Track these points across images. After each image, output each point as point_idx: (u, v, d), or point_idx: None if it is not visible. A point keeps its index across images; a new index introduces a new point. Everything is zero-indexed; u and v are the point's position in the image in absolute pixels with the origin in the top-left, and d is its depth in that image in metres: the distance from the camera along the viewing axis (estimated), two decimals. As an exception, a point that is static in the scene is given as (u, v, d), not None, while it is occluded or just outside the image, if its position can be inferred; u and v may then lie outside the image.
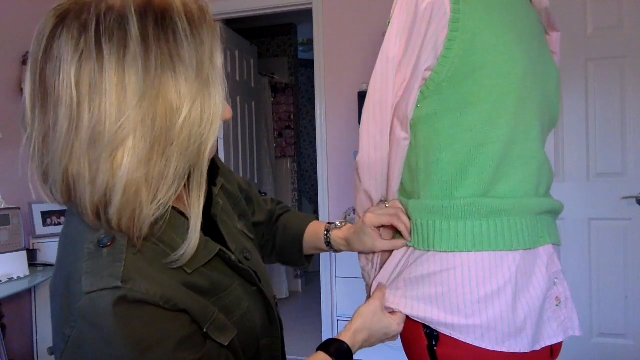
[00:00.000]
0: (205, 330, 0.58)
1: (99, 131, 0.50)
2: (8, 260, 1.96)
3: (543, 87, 0.84)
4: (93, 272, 0.52)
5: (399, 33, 0.80)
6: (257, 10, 3.05)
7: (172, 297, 0.54)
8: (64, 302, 0.54)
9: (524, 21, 0.83)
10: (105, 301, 0.50)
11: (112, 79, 0.50)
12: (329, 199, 2.97)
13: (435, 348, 0.79)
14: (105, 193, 0.52)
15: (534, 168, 0.82)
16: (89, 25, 0.51)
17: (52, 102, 0.52)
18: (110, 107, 0.50)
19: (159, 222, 0.57)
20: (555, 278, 0.83)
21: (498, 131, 0.77)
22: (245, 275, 0.70)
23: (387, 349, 2.38)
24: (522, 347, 0.76)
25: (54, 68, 0.51)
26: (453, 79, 0.76)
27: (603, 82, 2.39)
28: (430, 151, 0.81)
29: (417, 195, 0.84)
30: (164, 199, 0.54)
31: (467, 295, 0.76)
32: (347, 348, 0.75)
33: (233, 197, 0.84)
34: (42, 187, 0.56)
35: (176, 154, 0.54)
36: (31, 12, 2.58)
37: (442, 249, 0.78)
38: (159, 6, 0.53)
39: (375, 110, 0.83)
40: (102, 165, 0.51)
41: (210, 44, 0.57)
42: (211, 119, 0.56)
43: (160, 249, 0.57)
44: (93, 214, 0.54)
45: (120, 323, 0.51)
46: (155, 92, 0.52)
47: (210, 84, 0.56)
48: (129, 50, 0.51)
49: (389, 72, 0.81)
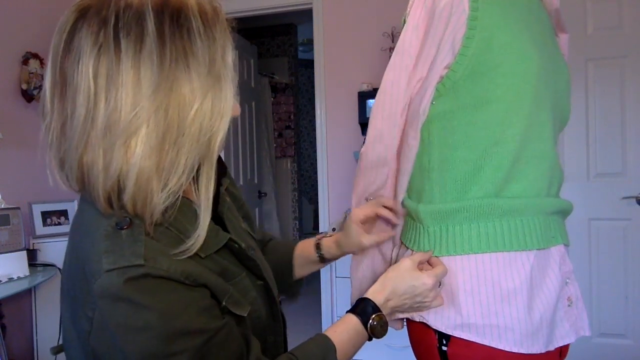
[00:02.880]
0: (224, 304, 0.61)
1: (114, 120, 0.53)
2: (8, 260, 1.96)
3: (555, 87, 0.84)
4: (114, 251, 0.54)
5: (416, 28, 0.80)
6: (257, 10, 3.05)
7: (192, 273, 0.57)
8: (82, 285, 0.57)
9: (537, 22, 0.83)
10: (129, 276, 0.53)
11: (129, 71, 0.53)
12: (329, 199, 2.97)
13: (445, 348, 0.79)
14: (119, 180, 0.55)
15: (547, 168, 0.82)
16: (108, 21, 0.54)
17: (71, 92, 0.54)
18: (125, 97, 0.53)
19: (169, 210, 0.59)
20: (567, 278, 0.83)
21: (513, 130, 0.77)
22: (252, 267, 0.71)
23: (387, 348, 2.38)
24: (538, 348, 0.75)
25: (73, 59, 0.54)
26: (470, 77, 0.76)
27: (603, 82, 2.39)
28: (445, 149, 0.81)
29: (428, 195, 0.83)
30: (174, 187, 0.56)
31: (482, 296, 0.76)
32: (374, 305, 0.76)
33: (237, 200, 0.86)
34: (59, 173, 0.59)
35: (187, 145, 0.56)
36: (31, 13, 2.58)
37: (457, 252, 0.78)
38: (174, 5, 0.56)
39: (385, 104, 0.84)
40: (116, 153, 0.54)
41: (222, 41, 0.60)
42: (221, 112, 0.59)
43: (173, 233, 0.60)
44: (105, 201, 0.56)
45: (146, 295, 0.53)
46: (169, 85, 0.55)
47: (221, 79, 0.59)
48: (145, 45, 0.54)
49: (402, 66, 0.81)
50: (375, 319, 0.75)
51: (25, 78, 2.50)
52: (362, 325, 0.75)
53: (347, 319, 0.75)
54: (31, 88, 2.52)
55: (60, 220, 2.46)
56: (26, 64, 2.51)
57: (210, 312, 0.59)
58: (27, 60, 2.51)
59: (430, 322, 0.79)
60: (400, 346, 2.33)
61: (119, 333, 0.54)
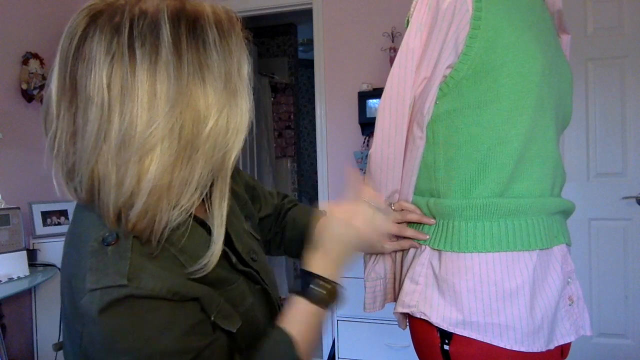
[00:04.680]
0: (213, 319, 0.59)
1: (129, 136, 0.51)
2: (8, 260, 1.96)
3: (558, 87, 0.84)
4: (97, 269, 0.52)
5: (420, 28, 0.80)
6: (257, 10, 3.05)
7: (179, 290, 0.55)
8: (70, 299, 0.55)
9: (540, 22, 0.84)
10: (111, 298, 0.51)
11: (144, 84, 0.51)
12: (329, 199, 2.96)
13: (447, 347, 0.79)
14: (131, 197, 0.53)
15: (550, 168, 0.82)
16: (122, 29, 0.52)
17: (82, 102, 0.52)
18: (142, 112, 0.51)
19: (181, 228, 0.57)
20: (569, 277, 0.83)
21: (517, 130, 0.77)
22: (248, 275, 0.70)
23: (387, 348, 2.38)
24: (539, 347, 0.76)
25: (85, 68, 0.52)
26: (473, 76, 0.77)
27: (603, 82, 2.39)
28: (450, 148, 0.81)
29: (435, 193, 0.84)
30: (186, 205, 0.55)
31: (485, 294, 0.77)
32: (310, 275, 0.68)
33: (240, 199, 0.85)
34: (67, 184, 0.57)
35: (201, 162, 0.55)
36: (31, 13, 2.58)
37: (461, 249, 0.79)
38: (191, 14, 0.54)
39: (392, 105, 0.84)
40: (130, 170, 0.52)
41: (239, 54, 0.58)
42: (237, 128, 0.57)
43: (169, 254, 0.58)
44: (114, 216, 0.54)
45: (126, 319, 0.51)
46: (185, 100, 0.53)
47: (237, 94, 0.58)
48: (160, 57, 0.52)
49: (407, 66, 0.81)
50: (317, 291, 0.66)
51: (25, 78, 2.50)
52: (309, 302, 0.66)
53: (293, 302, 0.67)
54: (31, 88, 2.52)
55: (60, 220, 2.46)
56: (26, 64, 2.51)
57: (196, 330, 0.56)
58: (27, 60, 2.51)
59: (432, 319, 0.80)
60: (400, 346, 2.33)
61: (102, 354, 0.53)
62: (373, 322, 2.32)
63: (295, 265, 4.44)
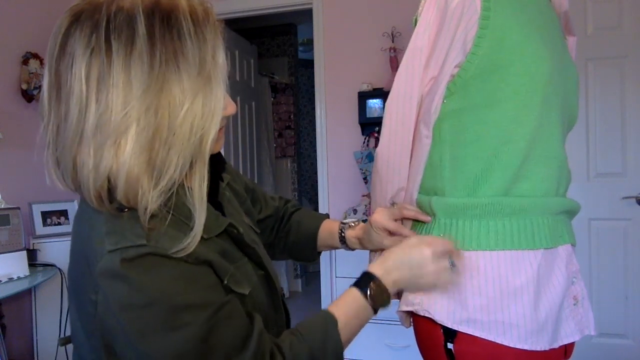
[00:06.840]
0: (226, 282, 0.63)
1: (105, 120, 0.54)
2: (8, 260, 1.96)
3: (564, 87, 0.85)
4: (115, 232, 0.56)
5: (428, 27, 0.81)
6: (257, 10, 3.05)
7: (194, 251, 0.58)
8: (84, 269, 0.58)
9: (548, 23, 0.84)
10: (131, 255, 0.54)
11: (120, 72, 0.54)
12: (329, 199, 2.96)
13: (451, 345, 0.79)
14: (109, 179, 0.56)
15: (555, 167, 0.82)
16: (100, 24, 0.55)
17: (65, 95, 0.56)
18: (116, 98, 0.54)
19: (169, 202, 0.59)
20: (574, 277, 0.83)
21: (523, 129, 0.78)
22: (252, 254, 0.72)
23: (387, 348, 2.38)
24: (543, 345, 0.76)
25: (67, 63, 0.56)
26: (480, 76, 0.77)
27: (603, 82, 2.39)
28: (456, 147, 0.81)
29: (440, 192, 0.84)
30: (166, 185, 0.57)
31: (489, 292, 0.77)
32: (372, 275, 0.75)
33: (239, 196, 0.86)
34: (55, 173, 0.60)
35: (178, 144, 0.57)
36: (31, 13, 2.58)
37: (465, 248, 0.79)
38: (165, 7, 0.57)
39: (399, 103, 0.84)
40: (106, 152, 0.55)
41: (213, 42, 0.61)
42: (212, 112, 0.60)
43: (176, 218, 0.60)
44: (96, 199, 0.57)
45: (148, 273, 0.55)
46: (159, 85, 0.56)
47: (212, 80, 0.60)
48: (135, 47, 0.55)
49: (415, 64, 0.82)
50: (373, 288, 0.73)
51: (25, 78, 2.50)
52: (361, 295, 0.73)
53: (347, 292, 0.75)
54: (31, 88, 2.52)
55: (60, 220, 2.46)
56: (26, 64, 2.51)
57: (214, 288, 0.60)
58: (27, 60, 2.51)
59: (436, 317, 0.80)
60: (400, 346, 2.33)
61: (123, 311, 0.55)
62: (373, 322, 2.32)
63: (295, 265, 4.44)
